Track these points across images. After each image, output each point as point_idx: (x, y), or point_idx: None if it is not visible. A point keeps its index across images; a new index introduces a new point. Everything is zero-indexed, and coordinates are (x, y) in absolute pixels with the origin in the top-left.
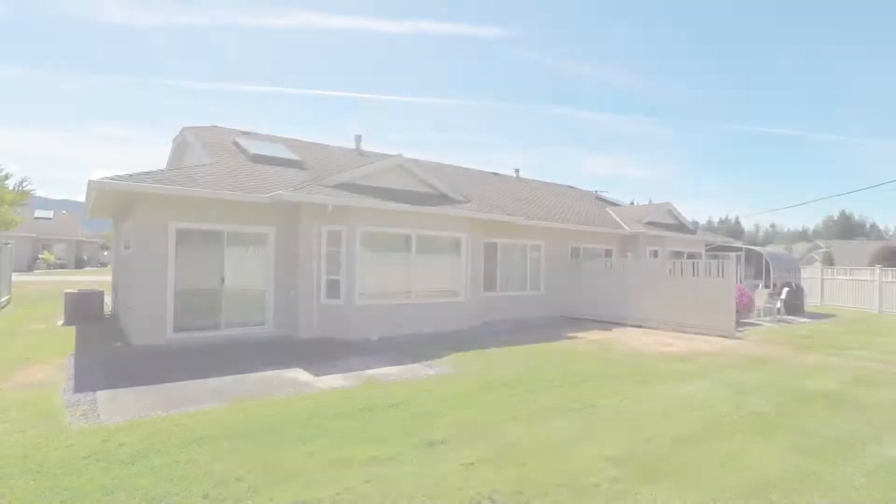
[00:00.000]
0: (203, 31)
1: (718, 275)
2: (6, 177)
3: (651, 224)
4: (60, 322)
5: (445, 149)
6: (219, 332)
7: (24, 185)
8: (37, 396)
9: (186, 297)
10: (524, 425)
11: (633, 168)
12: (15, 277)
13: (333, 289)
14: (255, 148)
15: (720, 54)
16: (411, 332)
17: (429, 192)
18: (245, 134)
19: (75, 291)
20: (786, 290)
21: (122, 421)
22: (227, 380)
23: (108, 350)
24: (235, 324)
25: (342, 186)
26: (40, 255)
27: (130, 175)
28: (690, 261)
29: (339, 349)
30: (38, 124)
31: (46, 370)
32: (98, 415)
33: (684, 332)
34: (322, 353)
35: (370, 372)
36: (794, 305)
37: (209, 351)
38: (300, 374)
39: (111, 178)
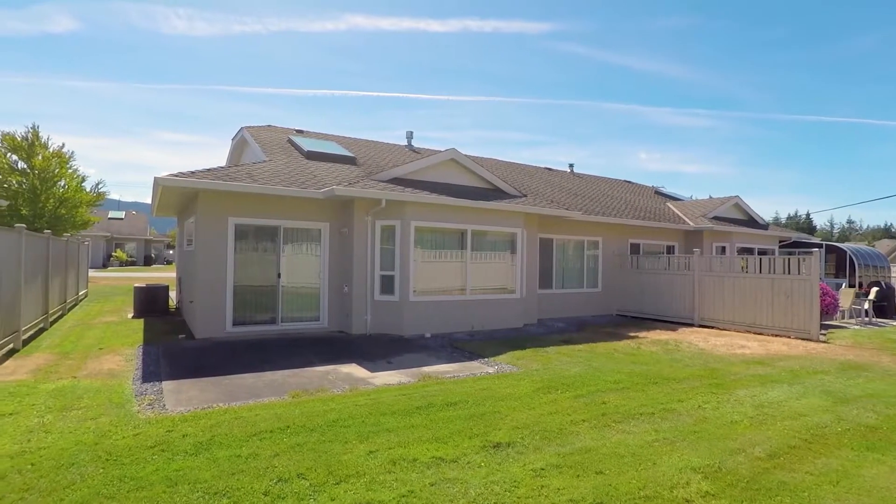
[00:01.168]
0: (257, 39)
1: (798, 272)
2: (83, 179)
3: (717, 219)
4: (130, 315)
5: (493, 147)
6: (275, 327)
7: (99, 187)
8: (108, 385)
9: (244, 292)
10: (595, 430)
11: (689, 164)
12: (92, 273)
13: (387, 285)
14: (308, 145)
15: (785, 41)
16: (466, 330)
17: (482, 186)
18: (299, 132)
19: (143, 286)
20: (875, 289)
21: (186, 412)
22: (285, 374)
23: (172, 342)
24: (290, 319)
25: (395, 181)
26: (113, 253)
27: (192, 172)
28: (766, 257)
29: (394, 346)
30: (109, 132)
31: (117, 360)
32: (164, 405)
33: (758, 333)
34: (376, 349)
35: (426, 369)
36: (883, 307)
37: (266, 345)
38: (355, 370)
39: (174, 175)
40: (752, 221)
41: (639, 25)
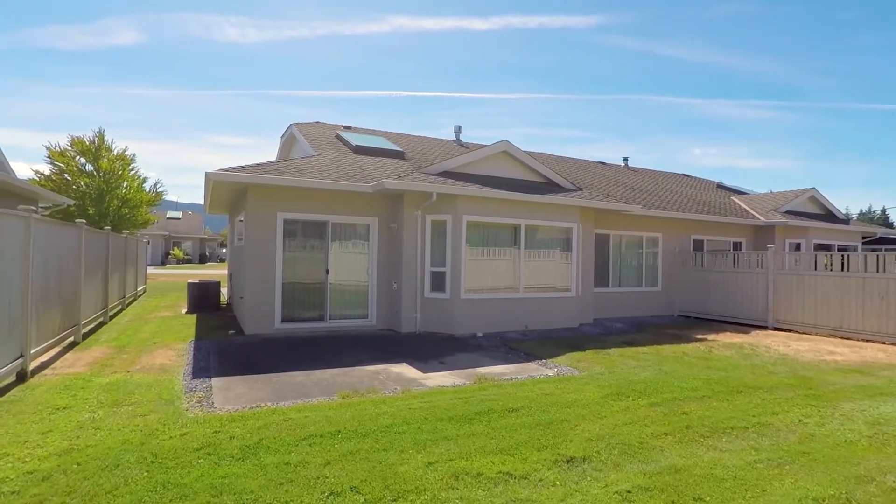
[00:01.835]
0: (304, 43)
1: None
2: (143, 180)
3: (791, 213)
4: (184, 310)
5: (538, 144)
6: (323, 325)
7: (157, 187)
8: (159, 380)
9: (293, 288)
10: (681, 445)
11: (747, 158)
12: (150, 270)
13: (438, 282)
14: (356, 140)
15: (856, 24)
16: (519, 329)
17: (535, 180)
18: (346, 128)
19: (196, 282)
20: None
21: (234, 411)
22: (334, 372)
23: (223, 337)
24: (339, 316)
25: (445, 175)
26: (171, 251)
27: (242, 167)
28: (855, 254)
29: (445, 345)
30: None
31: (169, 355)
32: (212, 402)
33: (846, 338)
34: (427, 348)
35: (481, 370)
36: None
37: (314, 342)
38: (406, 370)
39: (224, 170)
40: (830, 216)
41: (692, 15)
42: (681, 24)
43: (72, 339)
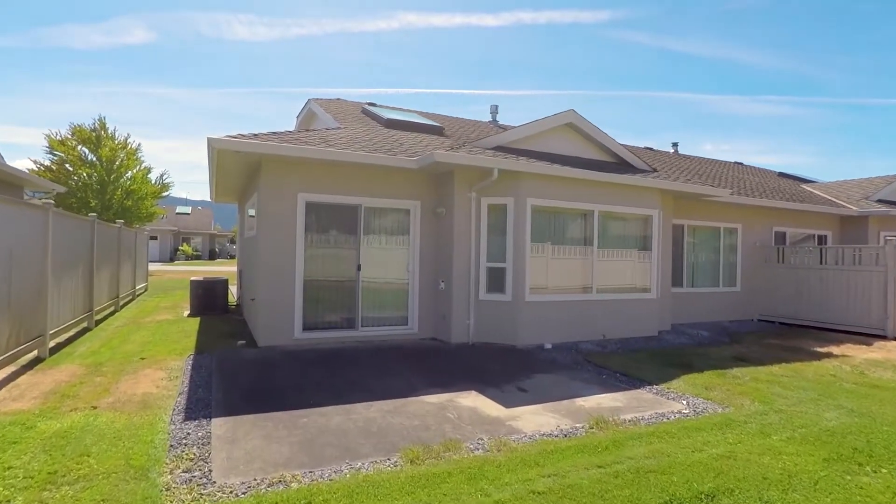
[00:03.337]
0: (314, 41)
1: None
2: (148, 171)
3: (884, 202)
4: (186, 313)
5: None
6: (353, 333)
7: (164, 178)
8: (134, 425)
9: (317, 288)
10: None
11: (763, 155)
12: (158, 267)
13: (496, 280)
14: (388, 114)
15: (874, 17)
16: (593, 339)
17: (604, 159)
18: (371, 105)
19: (200, 279)
20: None
21: (245, 493)
22: (383, 407)
23: (230, 350)
24: (372, 322)
25: (500, 151)
26: (179, 247)
27: (255, 135)
28: None
29: (511, 360)
30: (179, 135)
31: (158, 377)
32: (210, 472)
33: None
34: (491, 365)
35: (582, 402)
36: None
37: (346, 357)
38: (481, 403)
39: (233, 136)
40: None
41: (705, 9)
42: (692, 18)
43: (35, 354)
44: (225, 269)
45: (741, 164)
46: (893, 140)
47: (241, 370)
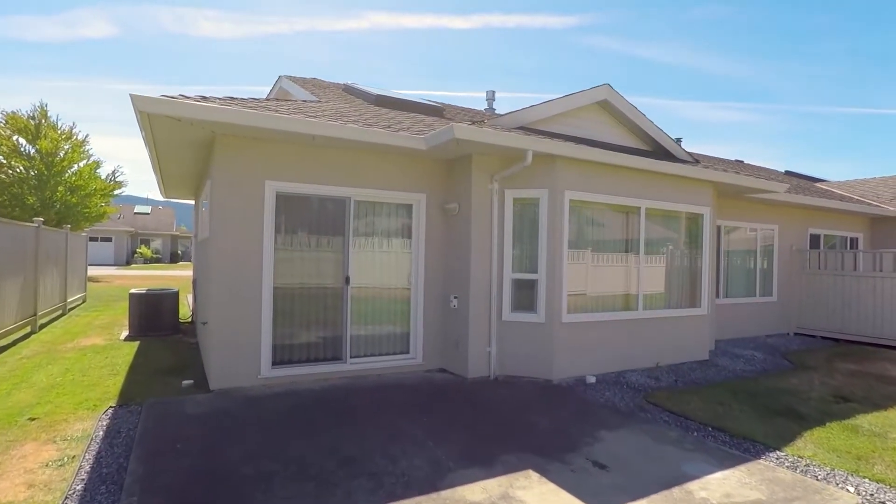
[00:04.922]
0: (281, 39)
1: None
2: (97, 165)
3: None
4: (125, 334)
5: None
6: (341, 367)
7: (116, 175)
8: None
9: (292, 308)
10: None
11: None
12: (109, 272)
13: (524, 296)
14: (377, 90)
15: (824, 32)
16: (642, 367)
17: (638, 146)
18: (350, 86)
19: (142, 292)
20: None
21: None
22: None
23: (168, 401)
24: (366, 351)
25: (522, 132)
26: (137, 250)
27: (204, 97)
28: None
29: (559, 406)
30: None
31: (45, 457)
32: None
33: None
34: (535, 417)
35: (702, 493)
36: None
37: (333, 406)
38: (554, 498)
39: (171, 97)
40: None
41: (670, 16)
42: (658, 26)
43: None
44: (186, 273)
45: (741, 161)
46: (851, 145)
47: (180, 438)
